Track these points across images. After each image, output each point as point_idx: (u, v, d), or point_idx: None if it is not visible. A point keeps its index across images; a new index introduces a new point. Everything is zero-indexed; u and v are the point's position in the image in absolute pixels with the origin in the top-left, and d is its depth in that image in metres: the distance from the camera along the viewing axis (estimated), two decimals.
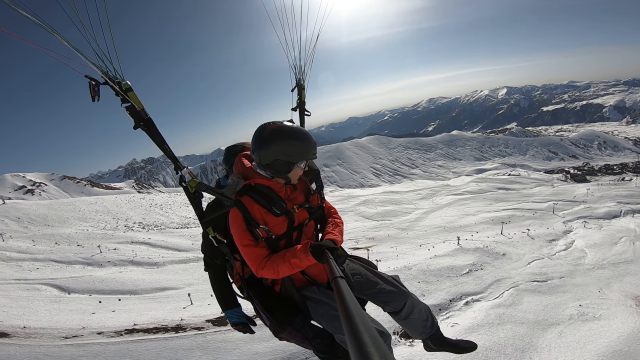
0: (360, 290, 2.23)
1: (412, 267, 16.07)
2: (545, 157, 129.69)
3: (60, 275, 17.28)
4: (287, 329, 2.07)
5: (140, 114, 1.81)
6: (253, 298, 2.23)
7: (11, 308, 12.00)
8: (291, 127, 2.00)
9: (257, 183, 2.05)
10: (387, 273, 2.38)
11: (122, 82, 1.73)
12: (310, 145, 1.99)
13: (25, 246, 22.88)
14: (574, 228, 24.69)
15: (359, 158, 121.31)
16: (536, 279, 15.12)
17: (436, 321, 2.38)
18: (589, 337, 9.77)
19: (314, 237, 2.31)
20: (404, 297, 2.23)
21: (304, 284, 2.20)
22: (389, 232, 28.07)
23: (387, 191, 51.99)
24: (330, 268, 1.45)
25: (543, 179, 54.63)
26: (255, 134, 2.03)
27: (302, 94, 2.63)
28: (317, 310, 2.07)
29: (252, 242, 1.95)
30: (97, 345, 8.94)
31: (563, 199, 34.50)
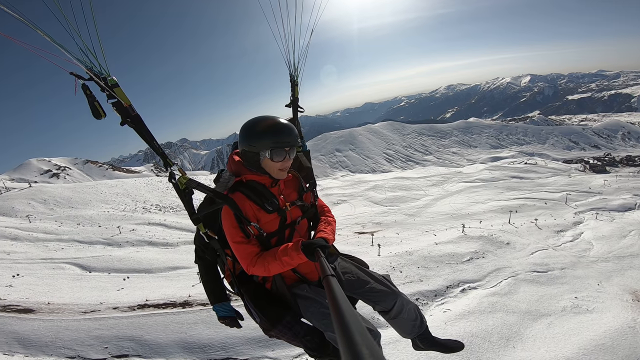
0: (351, 289, 2.27)
1: (413, 253, 16.41)
2: (565, 146, 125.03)
3: (82, 255, 18.40)
4: (277, 326, 2.09)
5: (128, 111, 1.78)
6: (244, 295, 2.23)
7: (37, 286, 12.93)
8: (261, 117, 1.99)
9: (249, 179, 2.06)
10: (378, 272, 2.43)
11: (107, 78, 1.69)
12: (273, 134, 1.92)
13: (51, 227, 24.04)
14: (585, 219, 24.33)
15: (372, 143, 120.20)
16: (537, 269, 15.24)
17: (425, 321, 2.44)
18: (576, 329, 9.97)
19: (307, 235, 2.33)
20: (394, 297, 2.28)
21: (295, 282, 2.22)
22: (396, 217, 28.30)
23: (397, 177, 51.69)
24: (322, 266, 1.46)
25: (560, 169, 53.07)
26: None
27: (296, 90, 2.59)
28: (307, 309, 2.09)
29: (244, 239, 1.95)
30: (112, 319, 9.80)
31: (578, 190, 33.70)
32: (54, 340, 8.68)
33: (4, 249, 18.41)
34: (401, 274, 14.25)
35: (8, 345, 8.43)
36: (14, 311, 10.09)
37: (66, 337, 8.81)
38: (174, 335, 8.95)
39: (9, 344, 8.46)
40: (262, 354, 8.31)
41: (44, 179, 67.68)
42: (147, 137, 1.85)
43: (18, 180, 56.05)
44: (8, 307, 10.29)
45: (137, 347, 8.51)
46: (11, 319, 9.52)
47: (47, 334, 8.92)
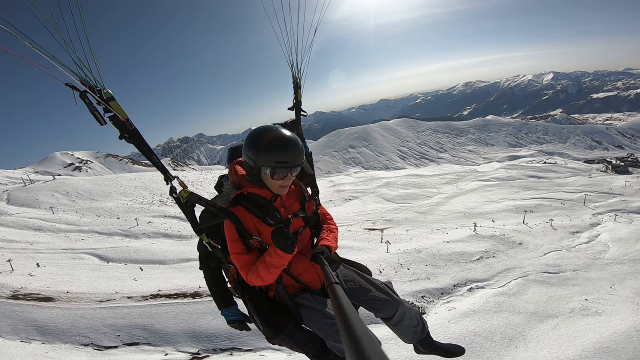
0: (353, 297, 2.26)
1: (422, 250, 16.37)
2: (587, 146, 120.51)
3: (101, 246, 19.06)
4: (280, 335, 2.09)
5: (125, 125, 1.75)
6: (247, 302, 2.24)
7: (58, 275, 13.44)
8: (266, 131, 1.91)
9: (250, 192, 2.02)
10: (379, 279, 2.41)
11: (103, 91, 1.66)
12: (276, 153, 1.85)
13: (72, 218, 24.87)
14: (602, 221, 23.62)
15: (386, 140, 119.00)
16: (548, 270, 14.99)
17: (427, 326, 2.44)
18: (582, 331, 9.84)
19: (309, 244, 2.31)
20: (395, 305, 2.27)
21: (298, 291, 2.21)
22: (407, 215, 28.16)
23: (410, 174, 51.28)
24: (326, 274, 1.46)
25: (581, 169, 51.46)
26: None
27: (299, 93, 2.54)
28: (309, 318, 2.07)
29: (244, 251, 1.95)
30: (126, 308, 10.21)
31: (597, 191, 32.68)
32: (70, 328, 9.15)
33: (27, 239, 19.30)
34: (408, 271, 14.27)
35: (26, 333, 8.91)
36: (34, 299, 10.63)
37: (82, 325, 9.28)
38: (183, 324, 9.30)
39: (27, 332, 8.94)
40: (266, 345, 8.53)
41: (67, 172, 70.24)
42: (146, 152, 1.86)
43: (42, 173, 58.28)
44: (29, 296, 10.84)
45: (147, 336, 8.90)
46: (31, 307, 10.04)
47: (65, 322, 9.39)
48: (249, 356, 8.28)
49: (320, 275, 2.09)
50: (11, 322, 9.06)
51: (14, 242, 18.15)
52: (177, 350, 8.43)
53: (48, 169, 68.67)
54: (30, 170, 63.52)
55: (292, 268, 2.17)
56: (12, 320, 9.14)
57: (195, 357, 8.16)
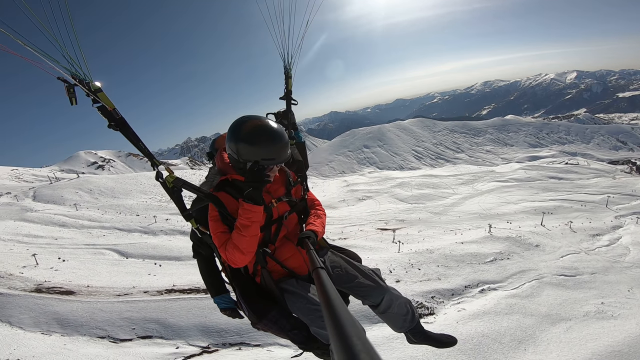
0: (340, 283, 2.25)
1: (434, 251, 16.23)
2: (612, 146, 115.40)
3: (121, 242, 19.57)
4: (263, 320, 2.11)
5: (112, 114, 1.82)
6: (235, 288, 2.26)
7: (80, 270, 13.97)
8: (250, 124, 1.90)
9: (235, 179, 2.05)
10: (368, 266, 2.39)
11: (90, 83, 1.74)
12: (263, 149, 1.86)
13: (95, 215, 25.68)
14: (625, 224, 22.78)
15: (401, 140, 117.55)
16: (564, 272, 14.65)
17: (417, 315, 2.41)
18: (595, 335, 9.65)
19: (297, 228, 2.31)
20: (381, 292, 2.25)
21: (283, 277, 2.21)
22: (420, 215, 27.89)
23: (425, 174, 50.67)
24: (311, 259, 1.45)
25: (604, 170, 49.44)
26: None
27: (289, 82, 2.55)
28: (294, 304, 2.07)
29: (226, 231, 1.96)
30: (142, 302, 10.57)
31: (621, 192, 31.43)
32: (88, 321, 9.56)
33: (52, 234, 20.16)
34: (419, 271, 14.18)
35: (47, 325, 9.33)
36: (56, 293, 11.14)
37: (100, 318, 9.68)
38: (195, 319, 9.59)
39: (48, 324, 9.38)
40: (274, 340, 8.73)
41: (90, 170, 72.84)
42: (132, 139, 1.90)
43: (67, 171, 60.71)
44: (51, 289, 11.37)
45: (160, 329, 9.23)
46: (53, 300, 10.52)
47: (84, 314, 9.82)
48: (257, 351, 8.48)
49: (306, 260, 2.03)
50: (33, 314, 9.53)
51: (39, 238, 18.98)
52: (188, 344, 8.72)
53: (73, 167, 71.48)
54: (56, 168, 66.30)
55: (278, 253, 2.17)
56: (34, 312, 9.61)
57: (205, 351, 8.42)
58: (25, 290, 10.79)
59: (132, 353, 8.08)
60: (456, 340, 2.47)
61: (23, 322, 9.13)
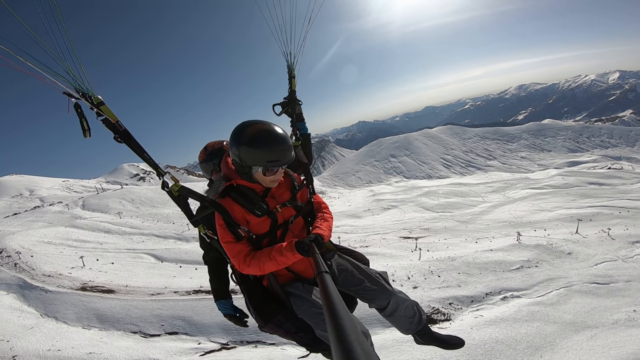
0: (346, 287, 2.27)
1: (456, 259, 16.01)
2: None
3: (157, 247, 21.12)
4: (269, 324, 2.13)
5: (116, 126, 1.85)
6: (243, 292, 2.29)
7: (120, 271, 15.32)
8: (254, 128, 1.92)
9: (239, 184, 2.06)
10: (375, 269, 2.40)
11: (93, 97, 1.77)
12: (268, 153, 1.88)
13: (136, 223, 27.77)
14: None
15: (428, 149, 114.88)
16: (597, 280, 13.94)
17: (424, 317, 2.41)
18: (621, 342, 9.17)
19: (303, 232, 2.29)
20: (387, 296, 2.26)
21: (290, 280, 2.21)
22: (446, 224, 27.34)
23: (454, 183, 49.38)
24: (316, 262, 1.45)
25: None
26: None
27: (293, 82, 2.54)
28: (299, 307, 2.08)
29: (233, 240, 1.98)
30: (172, 301, 11.50)
31: None
32: (124, 317, 10.56)
33: (98, 239, 22.05)
34: (439, 278, 14.09)
35: (88, 320, 10.44)
36: (99, 291, 12.37)
37: (134, 315, 10.65)
38: (217, 317, 10.24)
39: (89, 319, 10.49)
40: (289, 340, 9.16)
41: (133, 182, 77.83)
42: (137, 150, 1.91)
43: (112, 183, 65.41)
44: (95, 288, 12.62)
45: (186, 326, 9.99)
46: (95, 297, 11.73)
47: (121, 311, 10.87)
48: (271, 349, 8.95)
49: (312, 264, 1.97)
50: (77, 310, 10.66)
51: (86, 242, 20.84)
52: (209, 341, 9.37)
53: (117, 178, 76.81)
54: (102, 180, 71.72)
55: None
56: (77, 309, 10.76)
57: (223, 347, 9.02)
58: (72, 288, 12.05)
59: (159, 347, 8.84)
60: (463, 342, 2.49)
61: (67, 317, 10.24)
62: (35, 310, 10.65)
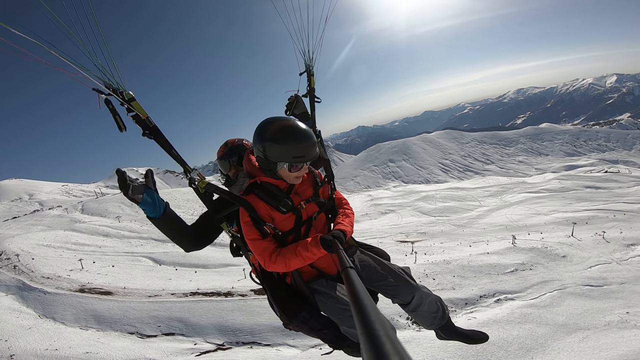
0: (369, 282, 2.25)
1: (451, 262, 16.20)
2: None
3: (156, 251, 21.32)
4: (294, 321, 2.12)
5: (146, 123, 1.86)
6: (266, 289, 2.26)
7: (119, 274, 15.50)
8: (279, 124, 1.92)
9: (263, 181, 2.05)
10: (397, 265, 2.37)
11: (124, 92, 1.78)
12: (294, 149, 1.89)
13: (135, 227, 28.03)
14: None
15: (427, 153, 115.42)
16: (590, 283, 14.11)
17: (447, 312, 2.39)
18: (611, 344, 9.33)
19: (325, 228, 2.28)
20: (411, 290, 2.23)
21: (313, 277, 2.20)
22: (443, 227, 27.54)
23: (451, 187, 49.77)
24: (340, 258, 1.44)
25: None
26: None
27: (312, 80, 2.56)
28: (324, 304, 2.08)
29: (259, 237, 1.96)
30: (169, 302, 11.68)
31: None
32: (121, 318, 10.72)
33: (97, 243, 22.22)
34: (434, 281, 14.26)
35: (86, 321, 10.60)
36: (97, 293, 12.52)
37: (131, 316, 10.80)
38: (214, 319, 10.44)
39: (86, 320, 10.64)
40: (283, 341, 9.33)
41: None
42: (165, 146, 1.94)
43: (111, 187, 65.60)
44: (93, 290, 12.77)
45: (182, 327, 10.14)
46: (93, 299, 11.89)
47: (118, 312, 11.02)
48: (266, 350, 9.11)
49: (335, 260, 1.91)
50: (75, 311, 10.82)
51: (85, 246, 21.01)
52: (205, 341, 9.54)
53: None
54: (101, 184, 71.87)
55: None
56: (75, 310, 10.92)
57: (219, 348, 9.18)
58: (70, 290, 12.21)
59: (155, 347, 9.00)
60: (487, 337, 2.44)
61: (65, 318, 10.40)
62: (33, 311, 10.80)
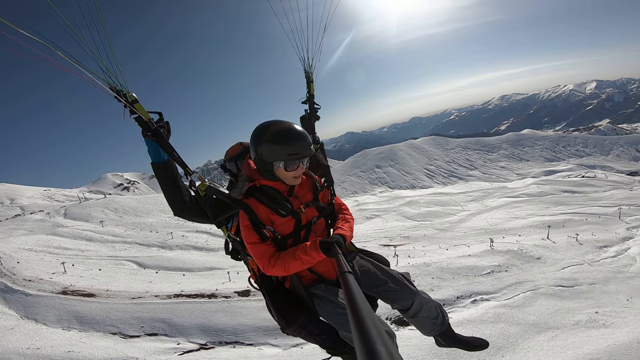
0: (369, 288, 2.24)
1: (431, 264, 16.64)
2: (632, 157, 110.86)
3: (140, 254, 21.32)
4: (292, 326, 2.11)
5: (148, 124, 1.87)
6: (265, 294, 2.25)
7: (101, 277, 15.51)
8: (274, 125, 1.95)
9: (262, 184, 2.06)
10: (397, 270, 2.37)
11: (127, 94, 1.79)
12: (288, 145, 1.91)
13: (119, 231, 27.78)
14: (636, 235, 22.44)
15: (412, 159, 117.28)
16: (562, 283, 14.64)
17: (447, 318, 2.37)
18: (579, 343, 9.66)
19: (324, 234, 2.28)
20: (411, 296, 2.22)
21: (312, 281, 2.19)
22: (426, 232, 28.24)
23: (435, 192, 50.88)
24: (339, 263, 1.44)
25: (622, 182, 47.99)
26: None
27: (311, 87, 2.59)
28: (323, 308, 2.07)
29: (258, 240, 1.96)
30: (152, 304, 11.77)
31: (636, 204, 30.81)
32: (104, 319, 10.79)
33: (80, 247, 21.99)
34: (414, 282, 14.67)
35: (68, 322, 10.64)
36: (79, 295, 12.53)
37: (114, 317, 10.89)
38: (197, 320, 10.62)
39: (69, 321, 10.69)
40: (265, 340, 9.58)
41: (116, 192, 76.97)
42: (167, 149, 1.96)
43: (95, 192, 64.53)
44: (75, 292, 12.78)
45: (166, 328, 10.29)
46: (76, 300, 11.91)
47: (101, 314, 11.09)
48: (249, 349, 9.34)
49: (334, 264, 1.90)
50: (57, 313, 10.85)
51: (68, 250, 20.83)
52: (188, 341, 9.71)
53: (100, 188, 75.75)
54: (85, 189, 70.66)
55: None
56: (58, 311, 10.95)
57: (202, 348, 9.37)
58: (52, 292, 12.18)
59: (138, 347, 9.14)
60: (487, 343, 2.44)
61: (47, 319, 10.43)
62: (15, 312, 10.79)
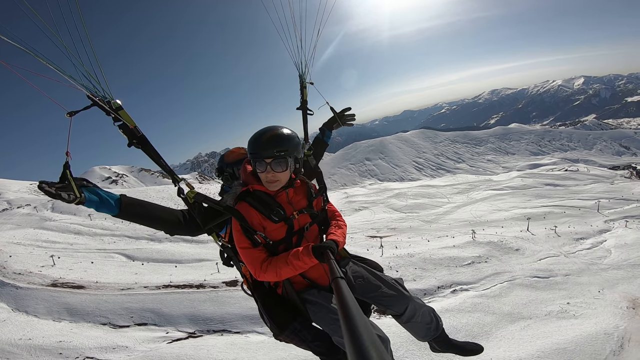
0: (362, 293, 2.22)
1: (414, 255, 17.13)
2: (614, 152, 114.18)
3: (129, 247, 21.45)
4: (285, 332, 2.10)
5: (133, 132, 1.82)
6: (257, 300, 2.24)
7: (90, 269, 15.66)
8: (261, 130, 1.98)
9: (256, 189, 2.05)
10: (390, 276, 2.36)
11: (111, 102, 1.72)
12: (251, 145, 1.93)
13: (107, 224, 27.62)
14: (613, 227, 23.30)
15: (402, 152, 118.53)
16: (538, 274, 15.15)
17: (441, 323, 2.35)
18: (549, 333, 10.13)
19: (317, 239, 2.27)
20: (405, 302, 2.21)
21: (305, 287, 2.18)
22: (412, 223, 28.90)
23: (423, 185, 51.73)
24: (331, 268, 1.43)
25: (603, 176, 49.50)
26: None
27: (304, 92, 2.59)
28: (316, 314, 2.07)
29: (250, 246, 1.94)
30: (141, 295, 12.03)
31: (615, 197, 31.96)
32: (94, 310, 11.04)
33: (68, 241, 22.00)
34: (397, 273, 15.20)
35: (59, 314, 10.86)
36: (69, 287, 12.72)
37: (104, 308, 11.14)
38: (185, 309, 10.93)
39: (59, 313, 10.90)
40: (252, 328, 9.95)
41: (105, 185, 76.08)
42: (154, 156, 1.91)
43: None
44: (65, 284, 12.96)
45: (154, 317, 10.60)
46: (66, 292, 12.11)
47: (91, 305, 11.32)
48: (236, 337, 9.71)
49: (327, 270, 1.87)
50: (47, 305, 11.07)
51: (56, 243, 20.84)
52: (177, 330, 10.04)
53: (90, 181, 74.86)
54: None
55: None
56: (48, 303, 11.16)
57: (190, 336, 9.73)
58: (42, 285, 12.36)
59: (128, 336, 9.45)
60: (482, 348, 2.44)
61: (38, 311, 10.65)
62: (6, 305, 10.96)
